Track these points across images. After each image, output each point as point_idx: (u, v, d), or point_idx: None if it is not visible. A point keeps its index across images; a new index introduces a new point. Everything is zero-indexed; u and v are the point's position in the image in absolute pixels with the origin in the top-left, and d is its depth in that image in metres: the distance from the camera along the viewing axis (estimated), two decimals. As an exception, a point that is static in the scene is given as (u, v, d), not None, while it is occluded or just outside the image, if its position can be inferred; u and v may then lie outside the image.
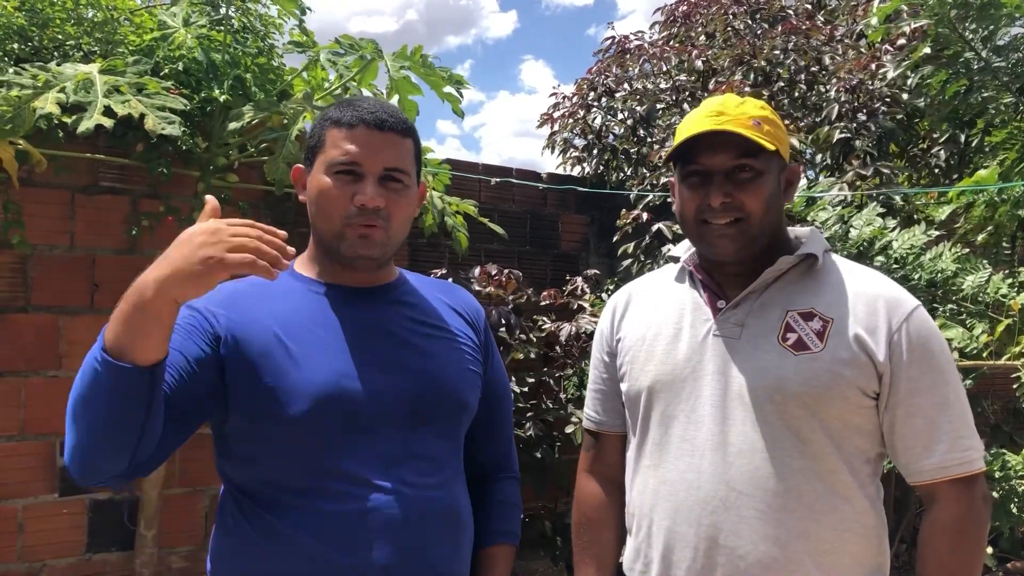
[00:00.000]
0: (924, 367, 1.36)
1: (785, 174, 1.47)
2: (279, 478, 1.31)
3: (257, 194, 3.43)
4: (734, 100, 1.44)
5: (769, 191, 1.41)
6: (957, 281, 3.22)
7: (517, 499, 1.59)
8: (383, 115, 1.37)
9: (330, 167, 1.35)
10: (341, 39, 2.89)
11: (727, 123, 1.39)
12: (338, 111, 1.39)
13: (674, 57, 4.98)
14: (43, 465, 3.05)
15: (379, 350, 1.37)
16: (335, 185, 1.35)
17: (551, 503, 4.03)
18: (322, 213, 1.37)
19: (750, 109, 1.42)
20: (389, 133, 1.37)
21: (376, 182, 1.35)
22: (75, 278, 3.13)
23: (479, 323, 1.56)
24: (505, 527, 1.54)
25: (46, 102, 2.42)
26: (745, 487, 1.36)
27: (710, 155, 1.40)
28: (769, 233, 1.44)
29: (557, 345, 3.73)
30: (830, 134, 4.17)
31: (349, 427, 1.31)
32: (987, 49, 3.53)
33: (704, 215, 1.42)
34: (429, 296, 1.50)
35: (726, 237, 1.41)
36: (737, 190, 1.39)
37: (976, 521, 1.37)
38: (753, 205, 1.39)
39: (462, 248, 3.46)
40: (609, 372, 1.60)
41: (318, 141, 1.39)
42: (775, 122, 1.44)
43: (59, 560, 3.08)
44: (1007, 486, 3.27)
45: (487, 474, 1.56)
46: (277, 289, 1.39)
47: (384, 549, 1.29)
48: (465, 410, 1.46)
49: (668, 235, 3.94)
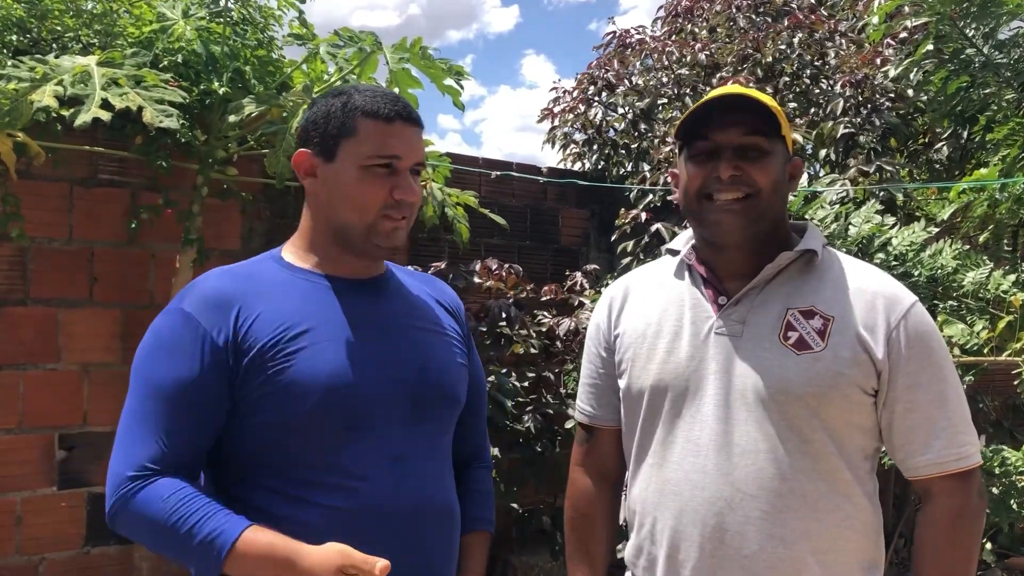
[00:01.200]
0: (922, 363, 1.37)
1: (789, 166, 1.47)
2: (285, 475, 1.31)
3: (257, 187, 3.43)
4: (743, 87, 1.45)
5: (777, 172, 1.41)
6: (957, 278, 3.22)
7: (491, 488, 1.62)
8: (411, 109, 1.38)
9: (367, 159, 1.34)
10: (340, 32, 2.88)
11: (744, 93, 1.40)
12: (367, 100, 1.35)
13: (676, 51, 4.97)
14: (42, 458, 3.05)
15: (380, 344, 1.37)
16: (371, 177, 1.34)
17: (550, 498, 4.03)
18: (354, 204, 1.35)
19: (759, 95, 1.42)
20: (417, 127, 1.39)
21: (409, 176, 1.36)
22: (74, 271, 3.12)
23: (460, 315, 1.57)
24: (482, 514, 1.55)
25: (43, 95, 2.41)
26: (750, 488, 1.36)
27: (721, 130, 1.39)
28: (772, 218, 1.43)
29: (557, 340, 3.73)
30: (834, 129, 4.14)
31: (352, 422, 1.31)
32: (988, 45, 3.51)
33: (710, 189, 1.40)
34: (416, 290, 1.51)
35: (731, 212, 1.39)
36: (747, 165, 1.39)
37: (972, 515, 1.38)
38: (763, 181, 1.39)
39: (463, 240, 3.45)
40: (606, 367, 1.59)
41: (344, 129, 1.35)
42: (782, 112, 1.44)
43: (58, 553, 3.08)
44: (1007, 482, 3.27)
45: (463, 463, 1.57)
46: (274, 283, 1.37)
47: (383, 544, 1.29)
48: (458, 405, 1.47)
49: (666, 236, 3.94)
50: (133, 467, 1.25)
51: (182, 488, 1.24)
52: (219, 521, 1.22)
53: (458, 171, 3.90)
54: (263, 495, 1.31)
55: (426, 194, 3.33)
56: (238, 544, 1.20)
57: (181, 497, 1.23)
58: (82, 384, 3.13)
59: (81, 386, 3.13)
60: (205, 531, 1.21)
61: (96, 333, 3.16)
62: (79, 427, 3.12)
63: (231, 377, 1.29)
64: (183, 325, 1.31)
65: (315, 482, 1.30)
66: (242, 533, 1.21)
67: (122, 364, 3.17)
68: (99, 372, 3.16)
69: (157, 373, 1.30)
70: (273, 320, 1.32)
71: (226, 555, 1.19)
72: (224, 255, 3.36)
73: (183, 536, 1.21)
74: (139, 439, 1.26)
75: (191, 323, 1.30)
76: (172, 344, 1.30)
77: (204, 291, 1.34)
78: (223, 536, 1.20)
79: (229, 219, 3.43)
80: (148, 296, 3.25)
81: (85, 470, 3.12)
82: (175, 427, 1.27)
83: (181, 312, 1.32)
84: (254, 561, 1.21)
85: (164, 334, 1.32)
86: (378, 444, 1.32)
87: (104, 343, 3.17)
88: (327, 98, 1.39)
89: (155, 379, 1.29)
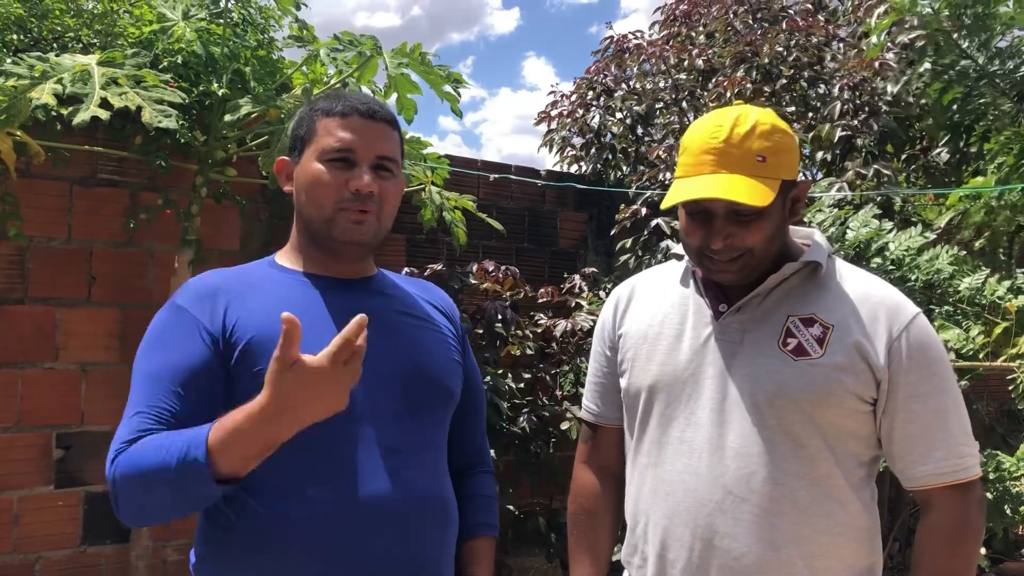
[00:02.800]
0: (923, 374, 1.37)
1: (793, 193, 1.42)
2: (271, 467, 1.31)
3: (255, 188, 3.43)
4: (738, 127, 1.35)
5: (772, 226, 1.38)
6: (954, 283, 3.23)
7: (494, 492, 1.62)
8: (374, 106, 1.41)
9: (323, 154, 1.37)
10: (341, 35, 2.88)
11: (728, 166, 1.33)
12: (328, 102, 1.41)
13: (673, 56, 4.98)
14: (39, 457, 3.06)
15: (370, 340, 1.37)
16: (328, 171, 1.37)
17: (546, 500, 4.03)
18: (313, 200, 1.38)
19: (755, 142, 1.34)
20: (380, 123, 1.40)
21: (368, 168, 1.38)
22: (72, 270, 3.13)
23: (455, 318, 1.58)
24: (487, 519, 1.55)
25: (42, 93, 2.42)
26: (741, 490, 1.36)
27: (710, 200, 1.35)
28: (772, 258, 1.42)
29: (553, 342, 3.74)
30: (831, 132, 4.15)
31: (345, 418, 1.31)
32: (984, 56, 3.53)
33: (705, 249, 1.40)
34: (408, 290, 1.53)
35: (728, 272, 1.40)
36: (739, 229, 1.36)
37: (971, 527, 1.38)
38: (755, 241, 1.37)
39: (460, 243, 3.46)
40: (610, 366, 1.60)
41: (307, 131, 1.41)
42: (783, 144, 1.37)
43: (54, 552, 3.08)
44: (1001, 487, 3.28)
45: (464, 469, 1.57)
46: (265, 282, 1.40)
47: (377, 540, 1.29)
48: (452, 399, 1.48)
49: (667, 230, 3.94)
50: (121, 440, 1.25)
51: (156, 436, 1.22)
52: (185, 437, 1.19)
53: (456, 173, 3.91)
54: (257, 488, 1.30)
55: (424, 197, 3.33)
56: (211, 444, 1.16)
57: (155, 440, 1.21)
58: (80, 383, 3.13)
59: (79, 385, 3.13)
60: (178, 454, 1.17)
61: (94, 332, 3.16)
62: (76, 426, 3.12)
63: (224, 364, 1.31)
64: (175, 317, 1.34)
65: (308, 476, 1.30)
66: (209, 434, 1.17)
67: (120, 363, 3.18)
68: (97, 371, 3.16)
69: (151, 361, 1.32)
70: (262, 312, 1.33)
71: (207, 460, 1.15)
72: (223, 255, 3.37)
73: (165, 470, 1.18)
74: (130, 417, 1.27)
75: (182, 314, 1.34)
76: (165, 335, 1.33)
77: (195, 285, 1.39)
78: (194, 446, 1.17)
79: (228, 220, 3.44)
80: (146, 296, 3.26)
81: (82, 469, 3.12)
82: (166, 401, 1.27)
83: (173, 305, 1.37)
84: (235, 445, 1.16)
85: (158, 327, 1.36)
86: (373, 438, 1.33)
87: (102, 343, 3.17)
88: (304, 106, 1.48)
89: (149, 367, 1.31)
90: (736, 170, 1.33)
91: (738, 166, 1.33)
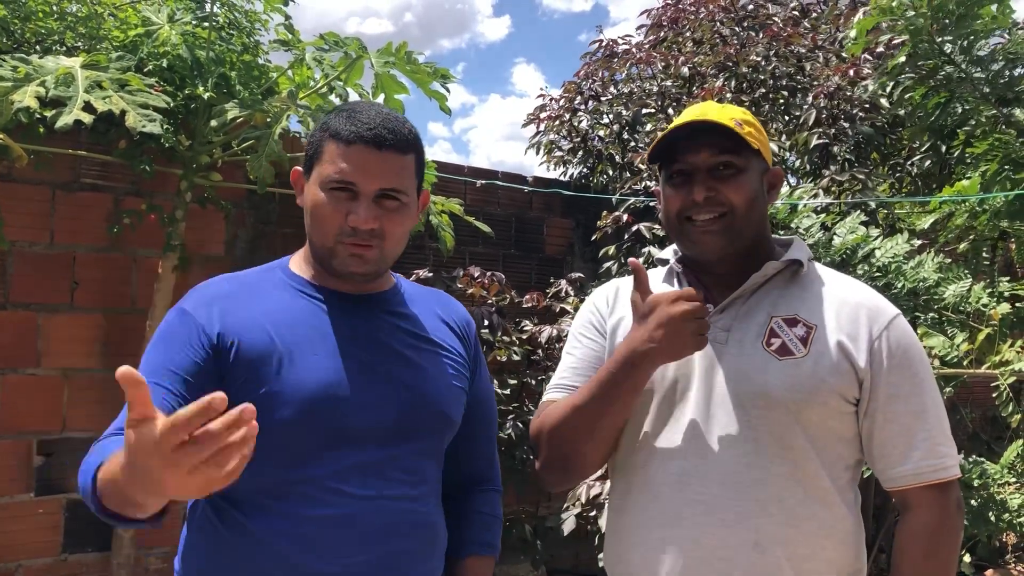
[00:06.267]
0: (903, 374, 1.38)
1: (768, 176, 1.48)
2: (257, 480, 1.29)
3: (241, 193, 3.41)
4: (715, 105, 1.46)
5: (752, 188, 1.43)
6: (939, 290, 3.25)
7: (498, 512, 1.57)
8: (383, 131, 1.32)
9: (325, 182, 1.32)
10: (326, 36, 2.87)
11: (709, 116, 1.41)
12: (338, 122, 1.34)
13: (659, 62, 5.00)
14: (19, 464, 3.02)
15: (368, 359, 1.36)
16: (329, 201, 1.32)
17: (532, 507, 4.02)
18: (316, 227, 1.35)
19: (731, 111, 1.44)
20: (387, 152, 1.32)
21: (370, 203, 1.32)
22: (55, 276, 3.10)
23: (470, 337, 1.54)
24: (485, 538, 1.52)
25: (25, 95, 2.39)
26: (727, 491, 1.36)
27: (693, 153, 1.42)
28: (753, 233, 1.45)
29: (539, 348, 3.73)
30: (808, 139, 4.21)
31: (333, 435, 1.31)
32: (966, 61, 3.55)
33: (688, 211, 1.42)
34: (423, 307, 1.49)
35: (709, 233, 1.41)
36: (720, 185, 1.41)
37: (950, 527, 1.39)
38: (737, 199, 1.40)
39: (447, 248, 3.44)
40: (599, 342, 1.53)
41: (316, 151, 1.35)
42: (756, 125, 1.46)
43: (35, 560, 3.04)
44: (985, 494, 3.30)
45: (469, 485, 1.55)
46: (271, 287, 1.39)
47: (358, 557, 1.29)
48: (448, 426, 1.45)
49: (647, 236, 3.96)
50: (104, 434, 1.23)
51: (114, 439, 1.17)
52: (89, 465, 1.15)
53: (444, 179, 3.91)
54: (242, 500, 1.30)
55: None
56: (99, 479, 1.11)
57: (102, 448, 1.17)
58: (62, 389, 3.10)
59: (61, 391, 3.10)
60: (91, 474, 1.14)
61: (77, 338, 3.13)
62: (58, 433, 3.09)
63: (219, 369, 1.29)
64: (179, 320, 1.34)
65: (293, 492, 1.29)
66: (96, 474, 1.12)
67: (103, 369, 3.14)
68: (79, 377, 3.13)
69: (150, 361, 1.31)
70: (261, 325, 1.32)
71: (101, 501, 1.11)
72: (207, 261, 3.35)
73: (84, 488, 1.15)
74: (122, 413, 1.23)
75: (186, 318, 1.33)
76: (168, 337, 1.33)
77: (202, 290, 1.39)
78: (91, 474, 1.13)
79: (213, 225, 3.41)
80: (130, 301, 3.23)
81: (63, 476, 3.09)
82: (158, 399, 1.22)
83: (179, 310, 1.36)
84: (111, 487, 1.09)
85: (163, 329, 1.36)
86: (359, 457, 1.31)
87: (85, 348, 3.14)
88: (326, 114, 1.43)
89: (147, 366, 1.30)
90: (716, 118, 1.40)
91: (718, 117, 1.41)
